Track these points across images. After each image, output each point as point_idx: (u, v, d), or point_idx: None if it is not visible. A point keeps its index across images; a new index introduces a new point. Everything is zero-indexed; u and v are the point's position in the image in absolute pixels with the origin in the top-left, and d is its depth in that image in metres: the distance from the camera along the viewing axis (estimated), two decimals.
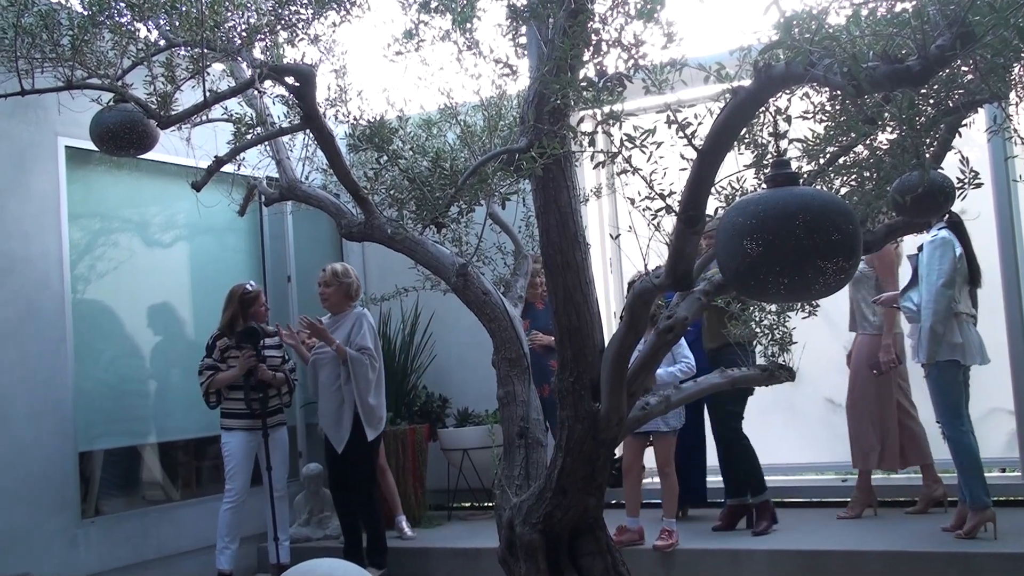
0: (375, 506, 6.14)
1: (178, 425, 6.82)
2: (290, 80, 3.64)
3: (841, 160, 3.23)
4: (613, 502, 6.80)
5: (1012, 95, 2.93)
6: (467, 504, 7.87)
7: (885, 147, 3.11)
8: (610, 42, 2.95)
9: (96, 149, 3.81)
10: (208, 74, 3.74)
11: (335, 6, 3.73)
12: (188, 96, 3.84)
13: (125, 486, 6.63)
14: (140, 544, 6.39)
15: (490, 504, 7.32)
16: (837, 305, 6.08)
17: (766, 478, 6.14)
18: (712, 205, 2.84)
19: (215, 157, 4.10)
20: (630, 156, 2.77)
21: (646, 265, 2.98)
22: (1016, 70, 2.86)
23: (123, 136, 3.68)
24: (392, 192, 4.25)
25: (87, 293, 6.43)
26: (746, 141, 3.14)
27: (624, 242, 6.40)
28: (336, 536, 6.54)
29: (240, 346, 5.99)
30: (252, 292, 6.19)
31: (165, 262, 6.96)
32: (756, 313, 4.08)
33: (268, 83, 3.77)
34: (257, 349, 6.01)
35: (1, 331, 5.80)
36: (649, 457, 6.07)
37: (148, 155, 4.00)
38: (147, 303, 6.78)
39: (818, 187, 3.13)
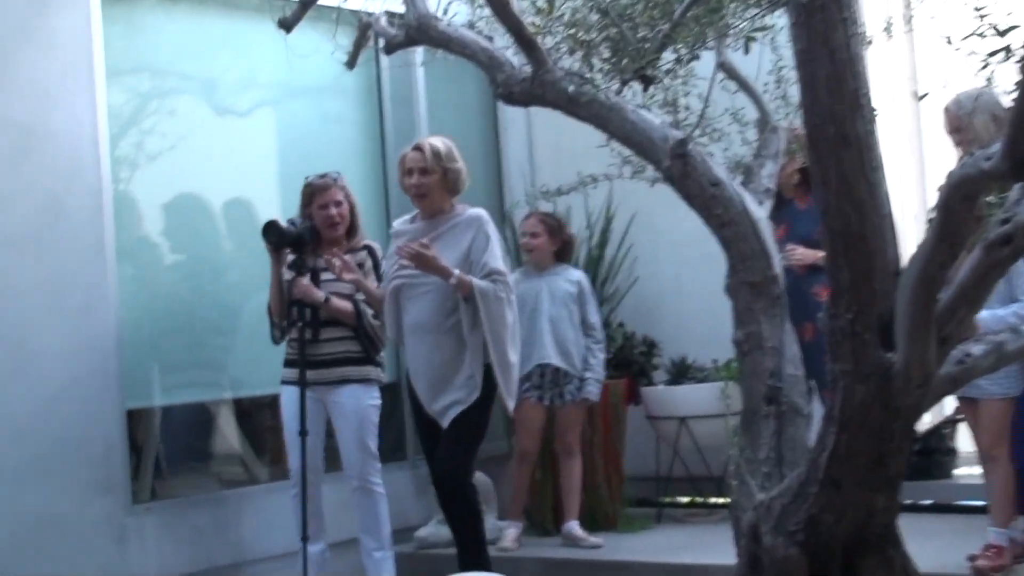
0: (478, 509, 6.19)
1: (267, 374, 6.83)
2: None
3: None
4: (909, 502, 6.58)
5: None
6: (685, 500, 7.93)
7: None
8: None
9: None
10: None
11: None
12: None
13: (192, 459, 6.88)
14: (213, 542, 6.59)
15: (721, 501, 7.41)
16: None
17: None
18: None
19: None
20: None
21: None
22: None
23: None
24: (575, 32, 4.22)
25: (133, 183, 6.61)
26: None
27: (930, 106, 6.17)
28: (493, 540, 6.74)
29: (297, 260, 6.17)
30: (316, 184, 6.32)
31: (242, 139, 7.09)
32: None
33: None
34: (301, 259, 6.11)
35: (15, 236, 6.02)
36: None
37: None
38: (219, 198, 6.96)
39: None
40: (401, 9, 4.78)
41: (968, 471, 6.07)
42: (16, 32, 6.15)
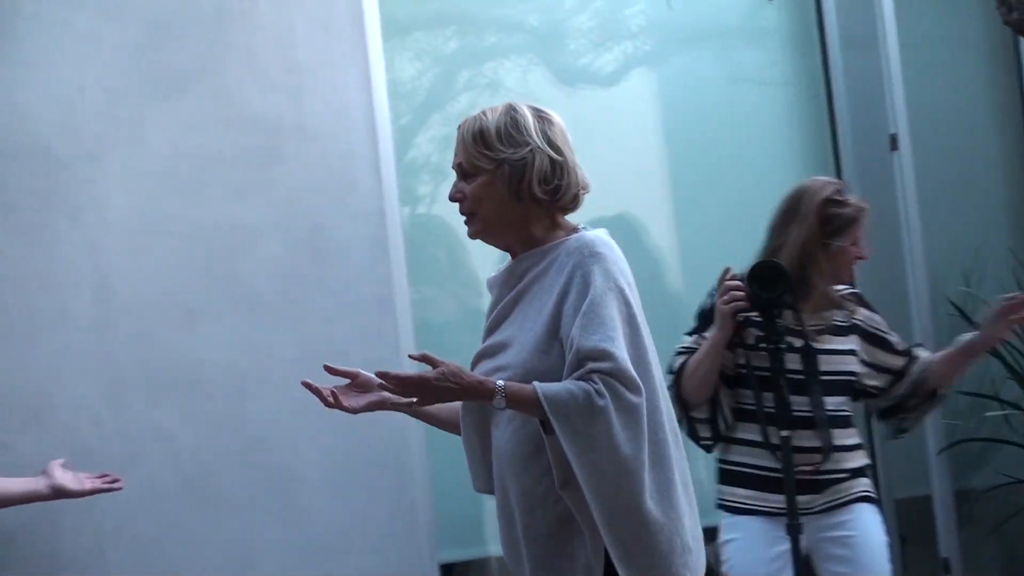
0: None
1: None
2: None
3: None
4: None
5: None
6: None
7: None
8: None
9: None
10: None
11: None
12: None
13: None
14: None
15: None
16: None
17: None
18: None
19: None
20: None
21: None
22: None
23: None
24: None
25: (436, 203, 5.89)
26: None
27: None
28: None
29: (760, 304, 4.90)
30: (848, 205, 4.98)
31: (607, 118, 6.21)
32: None
33: None
34: (773, 325, 4.83)
35: (260, 292, 5.33)
36: None
37: None
38: (573, 215, 5.93)
39: None
40: None
41: None
42: None
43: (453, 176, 5.59)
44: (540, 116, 3.85)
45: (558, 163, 3.75)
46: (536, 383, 3.57)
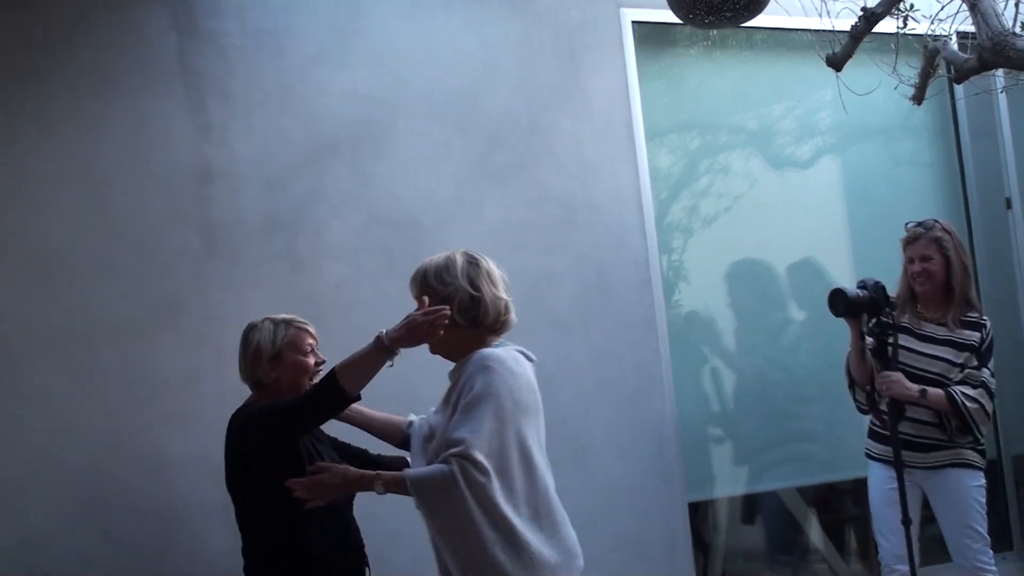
0: None
1: (849, 456, 6.54)
2: None
3: None
4: None
5: None
6: None
7: None
8: None
9: (677, 21, 4.02)
10: None
11: None
12: None
13: (765, 559, 6.76)
14: None
15: None
16: None
17: None
18: None
19: (862, 11, 4.11)
20: None
21: None
22: None
23: None
24: None
25: (684, 252, 6.55)
26: None
27: None
28: None
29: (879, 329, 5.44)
30: (907, 234, 5.70)
31: (803, 192, 6.94)
32: None
33: None
34: (880, 324, 5.38)
35: (562, 316, 6.04)
36: None
37: (756, 22, 4.15)
38: (782, 259, 6.83)
39: None
40: (971, 29, 4.26)
41: None
42: (550, 101, 6.19)
43: (698, 235, 6.34)
44: (470, 261, 4.19)
45: (476, 298, 4.11)
46: (406, 470, 4.03)
